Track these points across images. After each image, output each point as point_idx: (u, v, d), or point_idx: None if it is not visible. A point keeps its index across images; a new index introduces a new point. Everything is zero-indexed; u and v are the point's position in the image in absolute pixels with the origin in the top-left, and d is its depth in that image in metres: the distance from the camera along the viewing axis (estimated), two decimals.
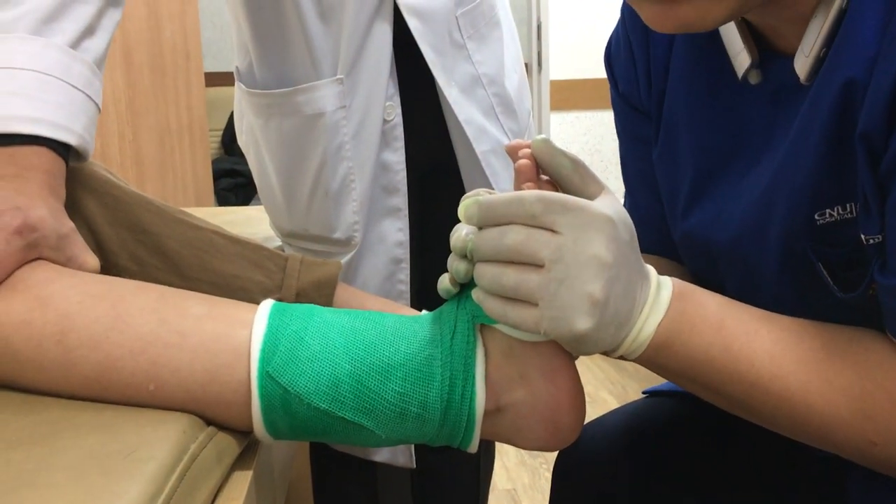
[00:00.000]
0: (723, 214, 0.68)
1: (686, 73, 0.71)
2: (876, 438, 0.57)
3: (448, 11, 1.08)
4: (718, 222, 0.68)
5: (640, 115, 0.78)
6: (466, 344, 0.63)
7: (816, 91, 0.58)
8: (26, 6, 0.74)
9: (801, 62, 0.59)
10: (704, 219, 0.70)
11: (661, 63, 0.73)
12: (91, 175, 0.77)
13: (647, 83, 0.75)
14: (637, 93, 0.77)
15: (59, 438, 0.56)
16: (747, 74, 0.64)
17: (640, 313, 0.58)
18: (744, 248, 0.66)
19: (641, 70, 0.75)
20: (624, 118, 0.80)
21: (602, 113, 3.94)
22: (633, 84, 0.77)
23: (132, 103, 2.03)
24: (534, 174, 0.61)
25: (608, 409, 2.65)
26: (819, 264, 0.61)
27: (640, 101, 0.77)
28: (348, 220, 1.08)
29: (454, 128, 1.11)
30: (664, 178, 0.75)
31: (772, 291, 0.65)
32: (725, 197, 0.68)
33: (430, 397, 0.62)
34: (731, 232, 0.67)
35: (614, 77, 0.80)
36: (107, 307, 0.63)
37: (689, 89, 0.71)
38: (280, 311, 0.65)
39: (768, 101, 0.64)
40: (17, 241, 0.65)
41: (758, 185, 0.64)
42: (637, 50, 0.75)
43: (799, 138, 0.59)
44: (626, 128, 0.81)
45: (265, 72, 1.09)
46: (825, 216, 0.59)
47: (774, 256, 0.63)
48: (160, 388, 0.62)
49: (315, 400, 0.61)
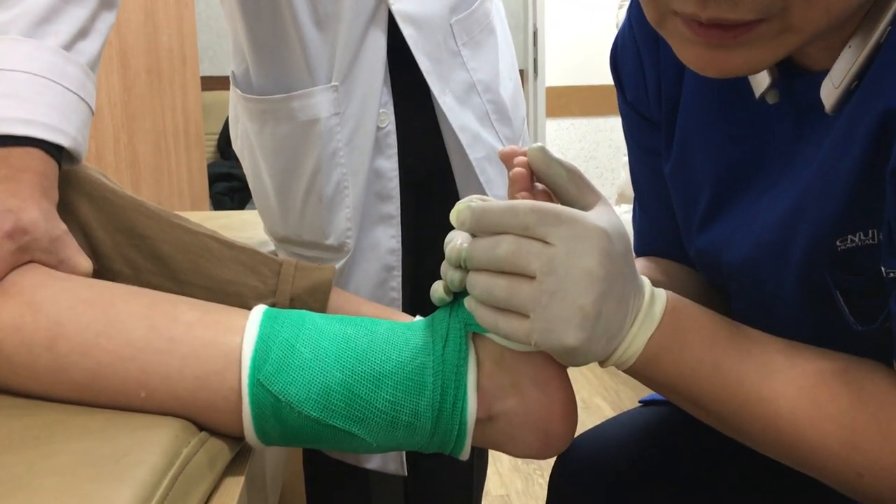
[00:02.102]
0: (737, 234, 0.66)
1: (701, 87, 0.68)
2: (863, 471, 0.55)
3: (442, 19, 1.08)
4: (732, 242, 0.66)
5: (649, 124, 0.75)
6: (458, 353, 0.63)
7: (848, 120, 0.55)
8: (20, 8, 0.74)
9: (829, 92, 0.56)
10: (718, 238, 0.68)
11: (674, 72, 0.70)
12: (86, 179, 0.77)
13: (657, 92, 0.72)
14: (646, 101, 0.74)
15: (50, 442, 0.56)
16: (765, 94, 0.61)
17: (632, 325, 0.58)
18: (759, 271, 0.64)
19: (651, 78, 0.72)
20: (632, 126, 0.78)
21: (598, 119, 3.95)
22: (641, 92, 0.74)
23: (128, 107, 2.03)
24: (528, 183, 0.61)
25: (602, 415, 2.65)
26: (837, 292, 0.59)
27: (648, 109, 0.74)
28: (341, 227, 1.08)
29: (448, 135, 1.11)
30: (677, 193, 0.73)
31: (784, 317, 0.64)
32: (741, 217, 0.66)
33: (422, 406, 0.62)
34: (745, 253, 0.65)
35: (621, 83, 0.77)
36: (98, 313, 0.63)
37: (704, 104, 0.68)
38: (272, 317, 0.65)
39: (791, 122, 0.62)
40: (8, 244, 0.65)
41: (777, 207, 0.62)
42: (646, 57, 0.72)
43: (827, 166, 0.57)
44: (635, 137, 0.79)
45: (261, 77, 1.09)
46: (846, 241, 0.57)
47: (792, 282, 0.61)
48: (151, 395, 0.62)
49: (306, 408, 0.61)
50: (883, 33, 0.52)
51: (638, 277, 0.59)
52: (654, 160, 0.75)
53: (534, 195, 0.61)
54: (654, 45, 0.71)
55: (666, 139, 0.72)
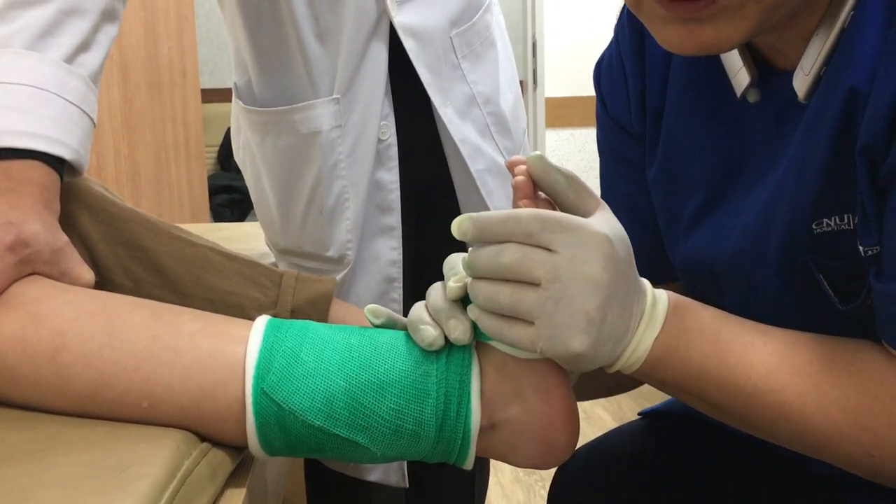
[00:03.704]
0: (724, 231, 0.68)
1: (686, 93, 0.70)
2: (874, 451, 0.56)
3: (443, 32, 1.09)
4: (720, 239, 0.68)
5: (628, 137, 0.77)
6: (462, 361, 0.63)
7: (816, 106, 0.58)
8: (22, 21, 0.74)
9: (801, 80, 0.59)
10: (706, 238, 0.69)
11: (658, 82, 0.72)
12: (86, 191, 0.77)
13: (640, 103, 0.74)
14: (627, 114, 0.76)
15: (53, 454, 0.56)
16: (746, 93, 0.64)
17: (637, 329, 0.58)
18: (744, 262, 0.66)
19: (634, 90, 0.74)
20: (611, 138, 0.79)
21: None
22: (623, 105, 0.76)
23: (128, 119, 2.04)
24: (531, 191, 0.61)
25: (603, 425, 2.65)
26: (820, 275, 0.61)
27: (629, 122, 0.76)
28: (342, 239, 1.09)
29: (449, 147, 1.11)
30: (662, 199, 0.74)
31: (773, 306, 0.65)
32: (728, 215, 0.68)
33: (425, 414, 0.62)
34: (731, 247, 0.67)
35: (602, 97, 0.79)
36: (101, 324, 0.63)
37: (689, 109, 0.70)
38: (275, 327, 0.65)
39: (771, 120, 0.64)
40: (9, 257, 0.66)
41: (759, 199, 0.64)
42: (630, 70, 0.74)
43: (799, 152, 0.59)
44: (613, 148, 0.80)
45: (263, 89, 1.10)
46: (822, 225, 0.59)
47: (775, 269, 0.63)
48: (154, 406, 0.62)
49: (310, 417, 0.61)
50: (847, 18, 0.55)
51: (640, 280, 0.59)
52: (631, 171, 0.77)
53: (536, 203, 0.61)
54: (639, 62, 0.73)
55: (650, 148, 0.74)
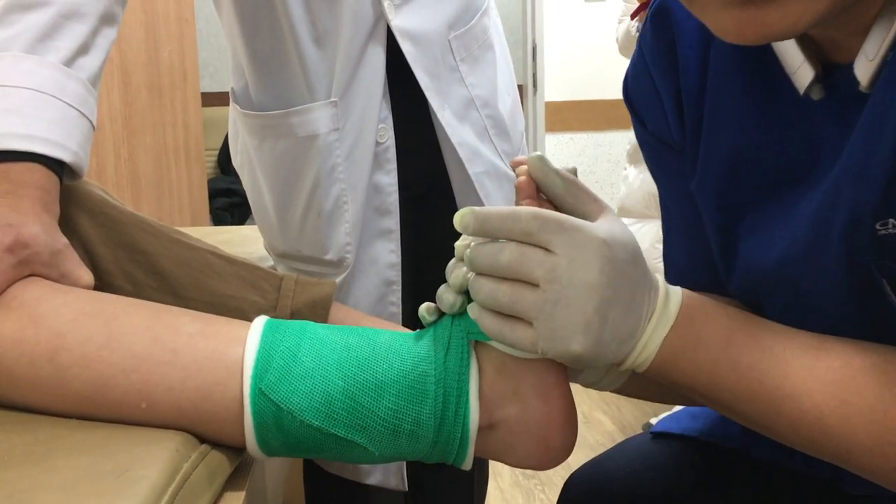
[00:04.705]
0: (772, 239, 0.64)
1: (730, 98, 0.66)
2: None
3: (441, 35, 1.09)
4: (766, 248, 0.64)
5: (670, 149, 0.73)
6: (460, 361, 0.63)
7: (880, 96, 0.53)
8: (21, 25, 0.74)
9: (864, 67, 0.54)
10: (753, 251, 0.66)
11: (695, 91, 0.68)
12: (86, 195, 0.77)
13: (677, 115, 0.70)
14: (667, 128, 0.72)
15: (52, 458, 0.56)
16: (809, 90, 0.59)
17: (646, 327, 0.57)
18: (793, 269, 0.62)
19: (669, 103, 0.70)
20: (658, 156, 0.76)
21: (597, 134, 3.96)
22: (661, 120, 0.72)
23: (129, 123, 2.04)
24: (533, 191, 0.61)
25: (603, 429, 2.65)
26: (884, 280, 0.56)
27: (671, 136, 0.72)
28: (340, 242, 1.09)
29: (447, 150, 1.12)
30: (707, 210, 0.71)
31: (825, 316, 0.61)
32: (776, 223, 0.64)
33: (424, 414, 0.62)
34: (778, 255, 0.63)
35: (639, 115, 0.75)
36: (100, 325, 0.63)
37: (735, 114, 0.66)
38: (273, 327, 0.65)
39: (831, 117, 0.59)
40: (8, 258, 0.66)
41: (811, 203, 0.60)
42: (661, 83, 0.70)
43: (860, 147, 0.55)
44: (663, 165, 0.76)
45: (260, 94, 1.10)
46: (888, 226, 0.54)
47: (832, 276, 0.59)
48: (153, 406, 0.62)
49: (308, 417, 0.61)
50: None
51: (651, 280, 0.58)
52: (683, 184, 0.74)
53: (539, 204, 0.61)
54: (669, 72, 0.70)
55: (691, 159, 0.71)
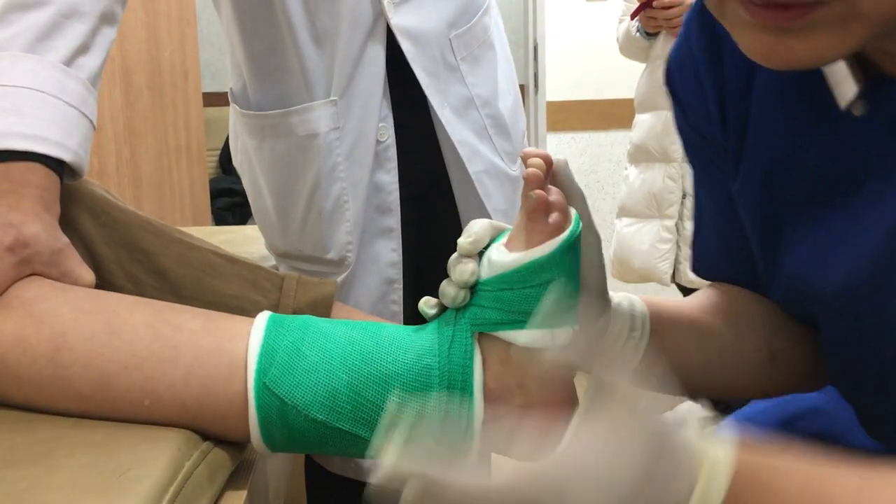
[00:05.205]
0: (829, 259, 0.59)
1: (776, 101, 0.63)
2: None
3: (441, 34, 1.09)
4: (822, 268, 0.60)
5: (710, 146, 0.70)
6: (464, 353, 0.63)
7: None
8: (20, 24, 0.74)
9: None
10: (806, 262, 0.62)
11: (741, 88, 0.64)
12: (88, 194, 0.77)
13: (719, 113, 0.67)
14: (708, 122, 0.68)
15: (53, 457, 0.56)
16: (851, 106, 0.56)
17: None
18: (856, 300, 0.57)
19: (712, 99, 0.67)
20: (696, 146, 0.73)
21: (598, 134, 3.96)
22: (702, 113, 0.68)
23: (130, 122, 2.04)
24: (542, 183, 0.61)
25: None
26: None
27: (711, 130, 0.68)
28: (341, 241, 1.09)
29: (447, 148, 1.12)
30: (751, 214, 0.67)
31: (889, 342, 0.56)
32: (833, 239, 0.59)
33: (428, 408, 0.62)
34: (838, 280, 0.58)
35: (680, 103, 0.71)
36: (101, 323, 0.63)
37: (781, 119, 0.62)
38: (277, 322, 0.65)
39: (885, 133, 0.55)
40: (9, 257, 0.66)
41: (877, 228, 0.55)
42: (706, 75, 0.67)
43: None
44: (700, 155, 0.73)
45: (259, 93, 1.10)
46: None
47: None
48: (155, 404, 0.62)
49: (312, 411, 0.61)
50: None
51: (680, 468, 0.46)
52: (719, 175, 0.71)
53: (547, 194, 0.61)
54: (715, 65, 0.66)
55: (733, 160, 0.67)
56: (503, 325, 0.61)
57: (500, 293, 0.61)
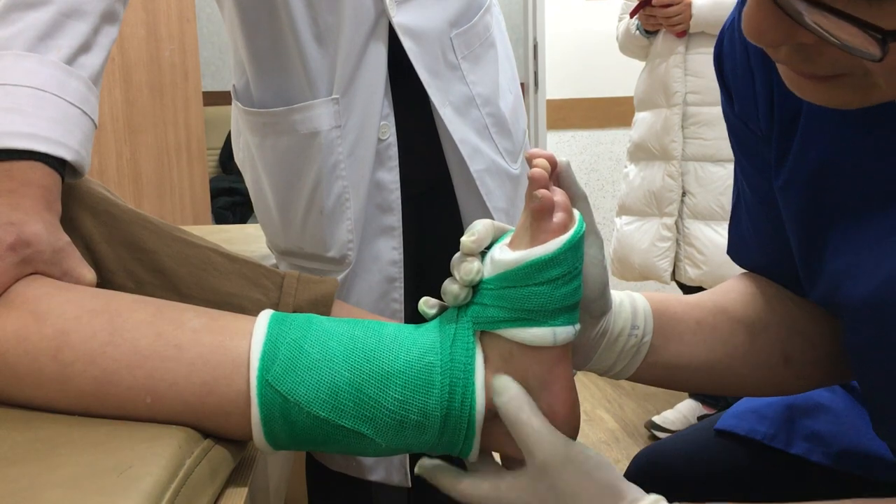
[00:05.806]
0: (862, 265, 0.58)
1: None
2: None
3: (442, 32, 1.09)
4: (855, 274, 0.59)
5: (756, 137, 0.68)
6: (466, 351, 0.63)
7: None
8: (22, 24, 0.74)
9: None
10: (837, 267, 0.61)
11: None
12: (88, 193, 0.77)
13: (768, 104, 0.65)
14: (756, 114, 0.67)
15: (54, 455, 0.56)
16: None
17: None
18: (884, 311, 0.57)
19: (762, 93, 0.65)
20: (740, 135, 0.71)
21: (598, 132, 3.96)
22: (750, 104, 0.67)
23: (130, 121, 2.04)
24: (547, 182, 0.61)
25: (605, 427, 2.65)
26: None
27: (758, 123, 0.67)
28: (343, 239, 1.09)
29: (448, 147, 1.12)
30: (794, 212, 0.66)
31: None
32: (866, 249, 0.58)
33: (430, 405, 0.62)
34: (868, 289, 0.57)
35: (728, 90, 0.70)
36: (103, 322, 0.63)
37: (832, 119, 0.61)
38: (279, 320, 0.65)
39: None
40: (11, 256, 0.66)
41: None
42: (757, 64, 0.65)
43: None
44: (743, 145, 0.72)
45: (261, 91, 1.10)
46: None
47: None
48: (158, 401, 0.62)
49: (315, 408, 0.61)
50: None
51: None
52: (762, 165, 0.70)
53: (552, 193, 0.61)
54: (768, 60, 0.64)
55: (779, 155, 0.66)
56: (505, 323, 0.61)
57: (502, 291, 0.61)
